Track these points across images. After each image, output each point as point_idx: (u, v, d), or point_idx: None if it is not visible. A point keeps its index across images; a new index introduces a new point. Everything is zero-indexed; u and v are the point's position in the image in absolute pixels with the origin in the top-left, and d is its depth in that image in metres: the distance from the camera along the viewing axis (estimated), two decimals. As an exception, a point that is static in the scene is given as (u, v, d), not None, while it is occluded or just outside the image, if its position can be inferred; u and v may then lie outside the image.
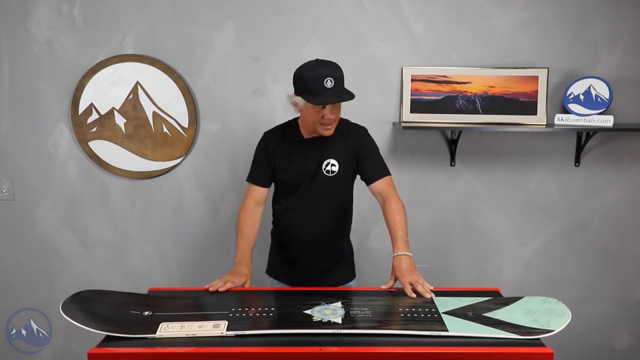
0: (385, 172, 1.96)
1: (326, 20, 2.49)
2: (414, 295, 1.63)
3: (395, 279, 1.73)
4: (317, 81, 1.76)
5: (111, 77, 2.51)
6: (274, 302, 1.63)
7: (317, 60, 1.85)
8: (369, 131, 2.02)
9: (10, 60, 2.52)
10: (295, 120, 2.00)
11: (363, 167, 1.96)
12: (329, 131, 1.87)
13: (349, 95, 1.78)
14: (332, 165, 1.93)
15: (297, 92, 1.84)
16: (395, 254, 1.77)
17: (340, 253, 2.08)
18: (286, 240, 2.04)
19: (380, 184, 1.93)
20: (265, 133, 2.03)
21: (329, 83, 1.75)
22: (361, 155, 1.95)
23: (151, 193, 2.64)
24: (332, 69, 1.79)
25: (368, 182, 1.96)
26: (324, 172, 1.93)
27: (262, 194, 2.01)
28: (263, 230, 2.08)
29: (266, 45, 2.51)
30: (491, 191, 2.63)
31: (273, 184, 2.04)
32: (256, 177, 2.01)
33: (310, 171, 1.93)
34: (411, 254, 1.77)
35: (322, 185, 1.94)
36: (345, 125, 1.98)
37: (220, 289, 1.65)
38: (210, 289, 1.66)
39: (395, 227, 1.83)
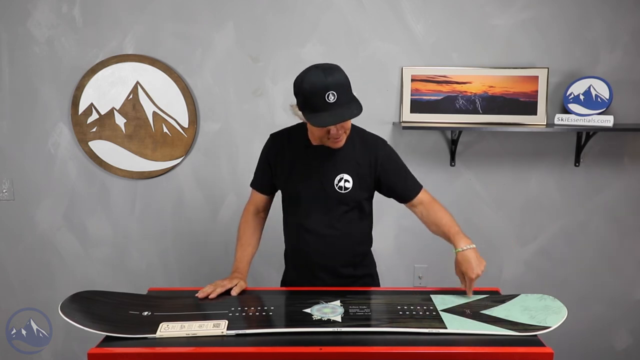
0: (419, 185, 1.82)
1: (326, 20, 2.49)
2: (470, 295, 1.62)
3: (463, 274, 1.64)
4: (317, 95, 1.54)
5: (111, 77, 2.51)
6: (274, 301, 1.63)
7: (316, 67, 1.59)
8: (370, 132, 1.88)
9: (10, 60, 2.52)
10: (304, 124, 1.80)
11: (394, 187, 1.79)
12: (338, 144, 1.69)
13: (354, 111, 1.57)
14: (346, 181, 1.74)
15: (298, 105, 1.63)
16: (459, 250, 1.66)
17: (355, 277, 1.85)
18: (296, 260, 1.88)
19: (418, 199, 1.80)
20: (271, 135, 1.88)
21: (331, 97, 1.53)
22: (386, 172, 1.77)
23: (151, 193, 2.64)
24: (334, 78, 1.55)
25: (405, 200, 1.81)
26: (336, 188, 1.74)
27: (263, 201, 1.90)
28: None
29: (266, 45, 2.51)
30: (491, 191, 2.63)
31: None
32: (257, 183, 1.89)
33: (320, 186, 1.75)
34: (475, 246, 1.67)
35: (333, 202, 1.75)
36: (360, 136, 1.80)
37: (211, 296, 1.60)
38: (200, 296, 1.60)
39: (448, 225, 1.73)
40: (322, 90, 1.54)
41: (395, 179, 1.80)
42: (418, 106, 2.52)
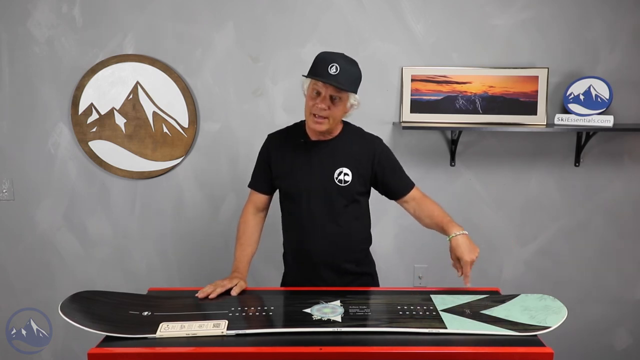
0: (412, 183, 1.88)
1: (326, 20, 2.49)
2: (468, 285, 1.64)
3: (458, 260, 1.68)
4: (323, 63, 1.68)
5: (111, 77, 2.51)
6: (274, 301, 1.63)
7: (342, 53, 1.75)
8: (367, 131, 1.92)
9: (10, 60, 2.52)
10: (302, 122, 1.87)
11: (389, 183, 1.85)
12: (318, 125, 1.73)
13: (341, 85, 1.67)
14: (345, 174, 1.79)
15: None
16: (452, 235, 1.71)
17: (355, 274, 1.88)
18: (298, 259, 1.89)
19: (410, 195, 1.86)
20: (268, 135, 1.92)
21: (333, 69, 1.66)
22: (383, 169, 1.82)
23: (151, 193, 2.64)
24: (346, 62, 1.70)
25: (397, 197, 1.87)
26: (336, 181, 1.78)
27: (263, 201, 1.92)
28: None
29: (266, 45, 2.51)
30: (491, 191, 2.63)
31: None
32: (256, 183, 1.92)
33: (320, 179, 1.79)
34: (467, 232, 1.72)
35: (333, 196, 1.79)
36: (358, 134, 1.87)
37: (211, 296, 1.60)
38: (200, 296, 1.61)
39: (440, 216, 1.79)
40: (328, 60, 1.69)
41: (391, 176, 1.85)
42: (418, 106, 2.52)
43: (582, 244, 2.67)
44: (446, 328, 1.40)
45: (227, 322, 1.42)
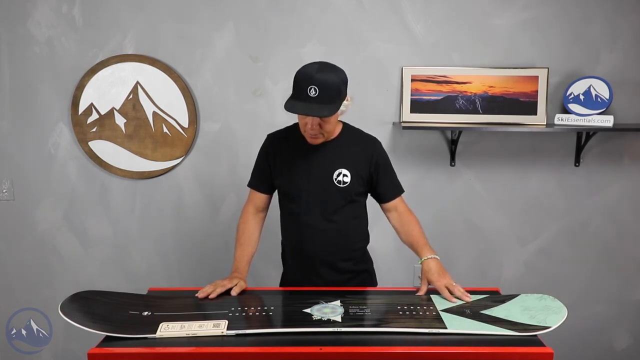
0: (401, 190, 1.90)
1: (326, 20, 2.49)
2: (454, 300, 1.60)
3: (428, 283, 1.70)
4: (301, 85, 1.64)
5: (111, 77, 2.51)
6: (274, 301, 1.63)
7: (319, 62, 1.69)
8: (366, 132, 1.92)
9: (10, 60, 2.52)
10: None
11: (379, 185, 1.86)
12: (315, 141, 1.77)
13: (322, 112, 1.63)
14: (344, 175, 1.80)
15: None
16: (424, 258, 1.75)
17: (353, 272, 1.90)
18: (296, 258, 1.89)
19: (394, 202, 1.88)
20: (268, 135, 1.92)
21: (312, 91, 1.61)
22: (377, 171, 1.84)
23: (151, 193, 2.64)
24: (324, 76, 1.63)
25: (383, 201, 1.88)
26: (335, 182, 1.79)
27: (262, 201, 1.92)
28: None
29: (266, 45, 2.51)
30: (491, 191, 2.63)
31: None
32: (256, 182, 1.92)
33: (319, 180, 1.79)
34: (438, 257, 1.76)
35: (332, 196, 1.80)
36: (357, 134, 1.88)
37: (211, 296, 1.61)
38: (200, 296, 1.61)
39: (417, 236, 1.82)
40: (306, 82, 1.63)
41: (384, 178, 1.87)
42: (418, 106, 2.52)
43: (582, 244, 2.67)
44: (446, 328, 1.40)
45: (227, 322, 1.42)
